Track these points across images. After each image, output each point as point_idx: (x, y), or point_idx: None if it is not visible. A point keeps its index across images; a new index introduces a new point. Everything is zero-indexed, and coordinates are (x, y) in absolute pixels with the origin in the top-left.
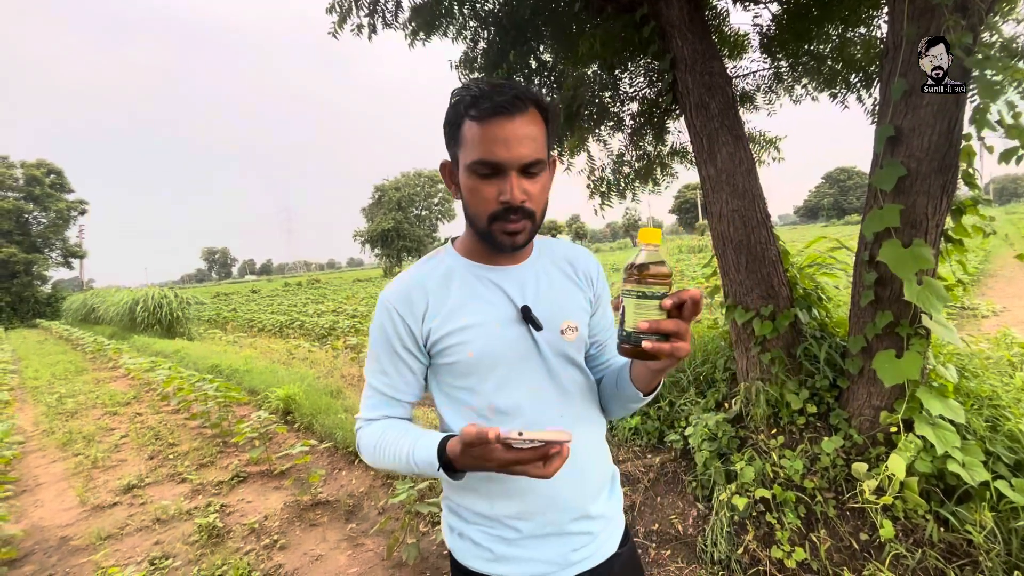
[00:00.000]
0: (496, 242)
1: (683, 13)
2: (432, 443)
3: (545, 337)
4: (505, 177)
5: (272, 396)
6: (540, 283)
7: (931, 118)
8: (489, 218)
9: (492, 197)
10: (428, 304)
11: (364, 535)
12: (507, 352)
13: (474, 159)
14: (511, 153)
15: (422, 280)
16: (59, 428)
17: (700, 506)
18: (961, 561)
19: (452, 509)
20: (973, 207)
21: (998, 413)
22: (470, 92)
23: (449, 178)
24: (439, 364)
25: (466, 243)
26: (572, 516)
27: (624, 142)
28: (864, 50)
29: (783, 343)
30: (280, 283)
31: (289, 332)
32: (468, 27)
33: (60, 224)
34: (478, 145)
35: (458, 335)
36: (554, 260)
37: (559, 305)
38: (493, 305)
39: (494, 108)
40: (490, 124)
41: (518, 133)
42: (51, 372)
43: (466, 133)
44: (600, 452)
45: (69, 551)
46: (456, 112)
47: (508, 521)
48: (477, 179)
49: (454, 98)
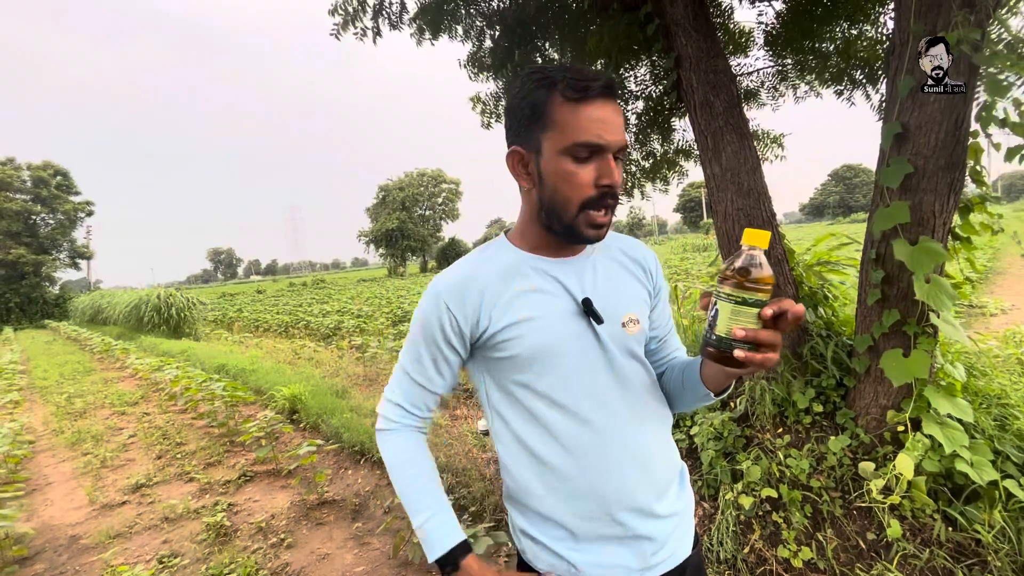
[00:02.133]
0: (579, 234)
1: (687, 11)
2: (447, 533)
3: (607, 330)
4: (603, 160)
5: (278, 396)
6: (598, 276)
7: (938, 115)
8: (582, 205)
9: (589, 181)
10: (484, 298)
11: (370, 534)
12: (568, 346)
13: (575, 141)
14: (613, 136)
15: (477, 273)
16: (68, 428)
17: (706, 505)
18: (970, 561)
19: (519, 511)
20: (981, 204)
21: (1007, 412)
22: (561, 73)
23: (522, 167)
24: (494, 358)
25: (524, 235)
26: (640, 517)
27: (630, 140)
28: (870, 47)
29: (789, 342)
30: (285, 283)
31: (294, 332)
32: (475, 26)
33: (67, 225)
34: (579, 126)
35: (516, 328)
36: (609, 252)
37: (619, 298)
38: (554, 298)
39: (599, 89)
40: (592, 105)
41: (616, 118)
42: (60, 372)
43: (560, 115)
44: (667, 447)
45: (79, 549)
46: (542, 94)
47: (571, 522)
48: (574, 163)
49: (533, 80)
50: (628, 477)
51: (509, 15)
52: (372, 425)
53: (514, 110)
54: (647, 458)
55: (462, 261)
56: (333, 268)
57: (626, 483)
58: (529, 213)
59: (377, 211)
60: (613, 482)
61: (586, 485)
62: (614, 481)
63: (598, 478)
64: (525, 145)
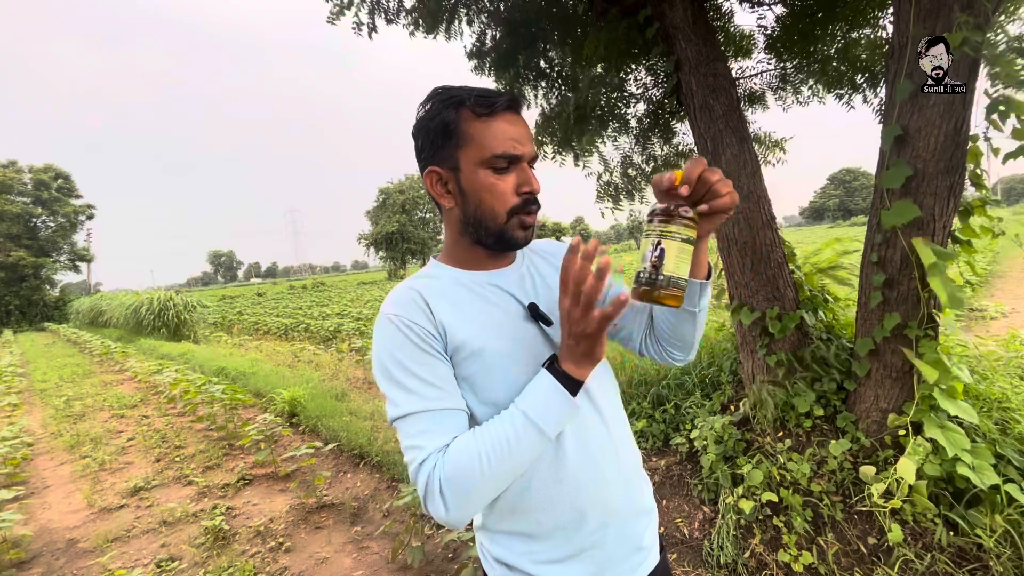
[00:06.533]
0: (510, 238)
1: (687, 15)
2: (538, 376)
3: (557, 332)
4: (520, 169)
5: (277, 399)
6: (536, 279)
7: (937, 119)
8: (508, 213)
9: (511, 190)
10: (435, 315)
11: (369, 538)
12: (522, 353)
13: (493, 153)
14: (525, 147)
15: (420, 294)
16: (67, 431)
17: (706, 509)
18: (971, 565)
19: (487, 536)
20: (981, 208)
21: (1008, 416)
22: (467, 92)
23: (441, 186)
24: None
25: (457, 253)
26: (606, 516)
27: (631, 144)
28: (870, 50)
29: (789, 345)
30: (285, 286)
31: (294, 335)
32: (473, 22)
33: (68, 228)
34: (493, 140)
35: (471, 344)
36: (538, 255)
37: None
38: (500, 308)
39: (506, 104)
40: (502, 119)
41: (525, 130)
42: (59, 375)
43: (474, 131)
44: (629, 445)
45: (76, 553)
46: (451, 113)
47: (539, 534)
48: (495, 174)
49: (441, 101)
50: (600, 482)
51: (509, 17)
52: (372, 429)
53: (425, 132)
54: (611, 458)
55: (401, 285)
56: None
57: (596, 487)
58: (456, 231)
59: (377, 214)
60: (582, 488)
61: (549, 495)
62: (582, 487)
63: (565, 486)
64: (441, 164)
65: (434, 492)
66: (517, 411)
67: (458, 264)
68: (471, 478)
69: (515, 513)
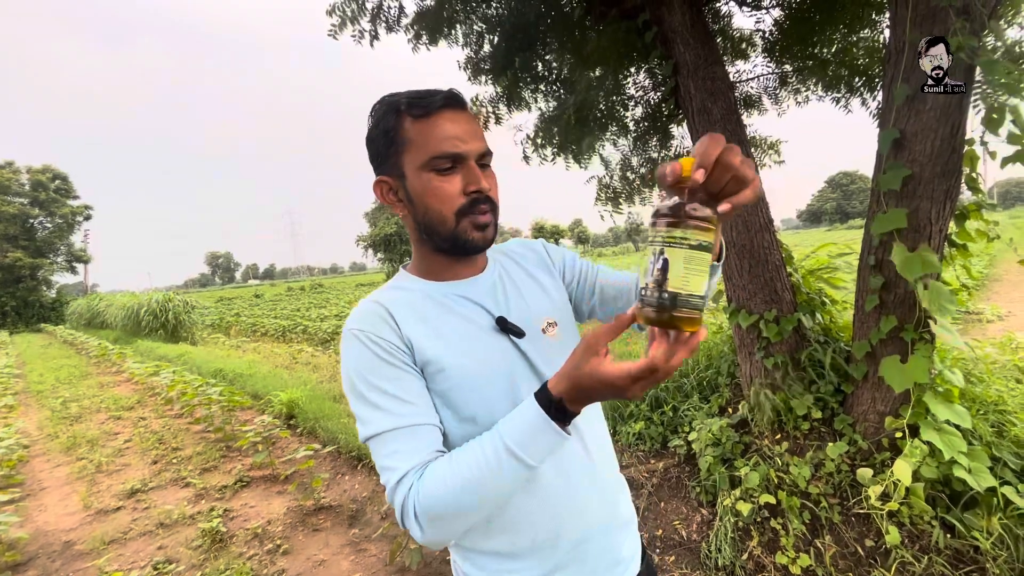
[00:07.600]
0: (465, 241)
1: (685, 19)
2: (525, 405)
3: (530, 343)
4: (466, 168)
5: (275, 400)
6: (508, 287)
7: (934, 123)
8: (456, 215)
9: (456, 191)
10: (402, 327)
11: (367, 540)
12: (493, 368)
13: (431, 155)
14: (469, 144)
15: (385, 308)
16: (63, 432)
17: (704, 511)
18: (968, 568)
19: (461, 554)
20: (977, 211)
21: (1004, 418)
22: (404, 96)
23: (391, 195)
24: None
25: (422, 264)
26: (586, 531)
27: (629, 147)
28: (867, 54)
29: (787, 348)
30: (283, 287)
31: (292, 336)
32: (473, 31)
33: (65, 229)
34: (432, 140)
35: (439, 361)
36: (510, 258)
37: (533, 303)
38: (470, 321)
39: (442, 101)
40: (440, 117)
41: (469, 125)
42: (55, 376)
43: (412, 134)
44: (608, 455)
45: (73, 555)
46: (391, 119)
47: (518, 551)
48: (436, 176)
49: (382, 108)
50: (576, 498)
51: (508, 22)
52: None
53: (372, 142)
54: (586, 471)
55: (365, 300)
56: (331, 272)
57: (571, 503)
58: (415, 240)
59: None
60: (558, 505)
61: (523, 514)
62: (557, 504)
63: (539, 503)
64: (389, 173)
65: (409, 516)
66: (500, 442)
67: (426, 275)
68: (447, 507)
69: (489, 532)
